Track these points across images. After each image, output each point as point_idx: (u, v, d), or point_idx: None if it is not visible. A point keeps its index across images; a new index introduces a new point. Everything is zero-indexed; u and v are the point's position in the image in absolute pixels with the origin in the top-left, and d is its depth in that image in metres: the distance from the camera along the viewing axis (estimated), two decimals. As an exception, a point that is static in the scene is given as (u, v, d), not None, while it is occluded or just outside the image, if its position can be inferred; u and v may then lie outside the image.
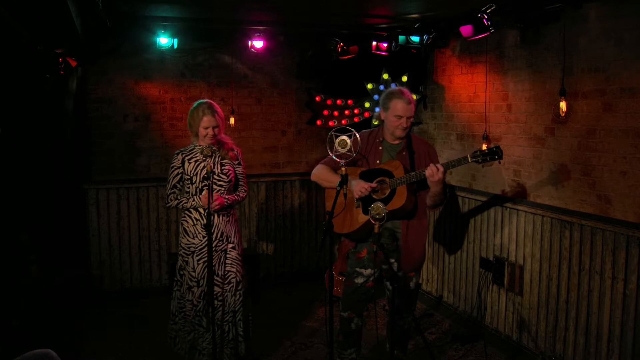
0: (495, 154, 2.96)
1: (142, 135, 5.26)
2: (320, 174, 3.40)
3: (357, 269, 3.36)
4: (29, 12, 3.28)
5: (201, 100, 3.51)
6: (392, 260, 3.27)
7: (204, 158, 3.44)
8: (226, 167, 3.52)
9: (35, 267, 4.74)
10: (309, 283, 5.61)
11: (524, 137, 4.00)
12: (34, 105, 4.67)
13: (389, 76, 5.09)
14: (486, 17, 3.69)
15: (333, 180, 3.22)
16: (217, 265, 3.48)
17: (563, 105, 3.55)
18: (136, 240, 5.30)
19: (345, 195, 3.01)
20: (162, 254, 5.38)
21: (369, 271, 3.34)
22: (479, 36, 3.88)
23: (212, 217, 3.32)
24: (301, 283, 5.66)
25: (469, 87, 4.63)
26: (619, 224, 3.22)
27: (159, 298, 5.13)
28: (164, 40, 4.61)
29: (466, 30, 3.88)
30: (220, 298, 3.48)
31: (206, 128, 3.41)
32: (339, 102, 5.41)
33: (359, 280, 3.36)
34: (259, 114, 5.59)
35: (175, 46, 4.77)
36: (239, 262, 3.58)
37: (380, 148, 3.32)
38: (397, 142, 3.31)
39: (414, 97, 5.19)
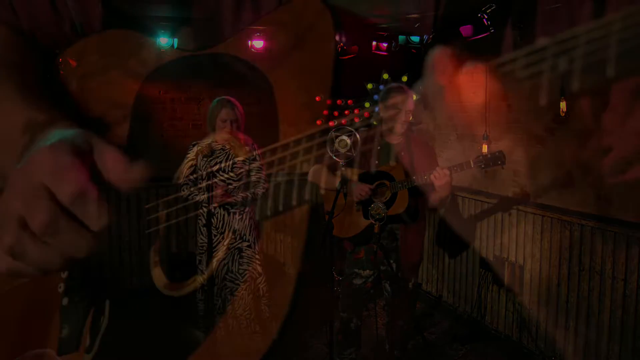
0: (498, 159, 2.92)
1: (142, 135, 5.24)
2: (319, 175, 3.29)
3: (356, 270, 3.34)
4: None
5: (221, 97, 3.52)
6: (391, 261, 3.27)
7: (202, 159, 3.43)
8: (238, 167, 3.50)
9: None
10: (309, 282, 5.61)
11: (524, 137, 4.00)
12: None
13: (389, 76, 5.08)
14: (486, 17, 3.69)
15: (331, 182, 3.19)
16: (230, 262, 3.47)
17: (563, 105, 3.55)
18: (136, 240, 5.29)
19: (345, 195, 3.00)
20: (162, 254, 5.36)
21: (367, 272, 3.32)
22: (479, 36, 3.88)
23: (213, 216, 3.36)
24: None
25: (469, 87, 4.63)
26: (619, 224, 3.22)
27: (158, 298, 5.11)
28: (164, 40, 4.62)
29: (466, 30, 3.89)
30: (235, 294, 3.47)
31: (224, 121, 3.42)
32: (338, 102, 5.41)
33: (358, 281, 3.34)
34: (259, 114, 5.57)
35: (175, 46, 4.77)
36: (255, 261, 3.53)
37: (379, 148, 3.28)
38: (396, 141, 3.26)
39: (414, 97, 5.22)
